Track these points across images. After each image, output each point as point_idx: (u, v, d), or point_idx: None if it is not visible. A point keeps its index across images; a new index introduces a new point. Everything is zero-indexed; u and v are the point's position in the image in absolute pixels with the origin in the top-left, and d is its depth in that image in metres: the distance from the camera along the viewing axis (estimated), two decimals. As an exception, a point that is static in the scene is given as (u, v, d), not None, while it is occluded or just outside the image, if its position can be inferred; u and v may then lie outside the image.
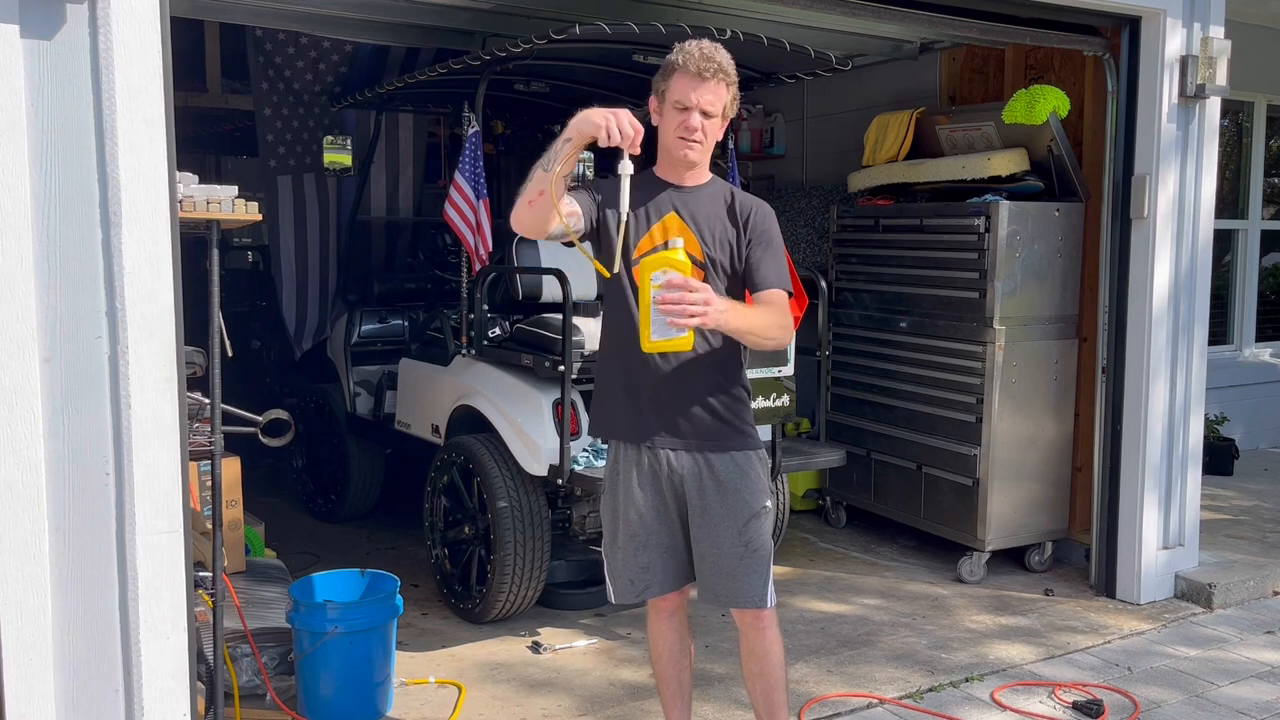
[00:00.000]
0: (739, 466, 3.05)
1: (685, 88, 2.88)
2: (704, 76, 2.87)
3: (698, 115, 2.89)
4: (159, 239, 2.79)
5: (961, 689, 4.19)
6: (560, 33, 4.18)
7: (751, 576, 3.05)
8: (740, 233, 3.00)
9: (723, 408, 3.03)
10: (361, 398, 6.18)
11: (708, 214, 3.01)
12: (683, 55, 2.90)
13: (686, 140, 2.92)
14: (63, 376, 2.71)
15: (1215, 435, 7.36)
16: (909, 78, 6.39)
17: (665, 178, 3.06)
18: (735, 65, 2.95)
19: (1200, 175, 5.17)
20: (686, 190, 3.04)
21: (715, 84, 2.88)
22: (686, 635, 3.31)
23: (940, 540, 5.69)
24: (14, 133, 2.61)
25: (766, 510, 3.10)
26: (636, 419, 3.05)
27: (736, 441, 3.05)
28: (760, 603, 3.06)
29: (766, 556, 3.08)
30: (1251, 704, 4.09)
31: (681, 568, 3.15)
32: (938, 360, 5.59)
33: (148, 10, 2.75)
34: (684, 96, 2.88)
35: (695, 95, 2.87)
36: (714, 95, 2.89)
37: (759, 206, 3.05)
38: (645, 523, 3.09)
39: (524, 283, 4.98)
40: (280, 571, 4.64)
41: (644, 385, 3.02)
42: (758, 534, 3.05)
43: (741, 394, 3.09)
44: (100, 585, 2.79)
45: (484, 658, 4.45)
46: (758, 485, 3.06)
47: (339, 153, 6.52)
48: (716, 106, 2.91)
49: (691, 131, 2.90)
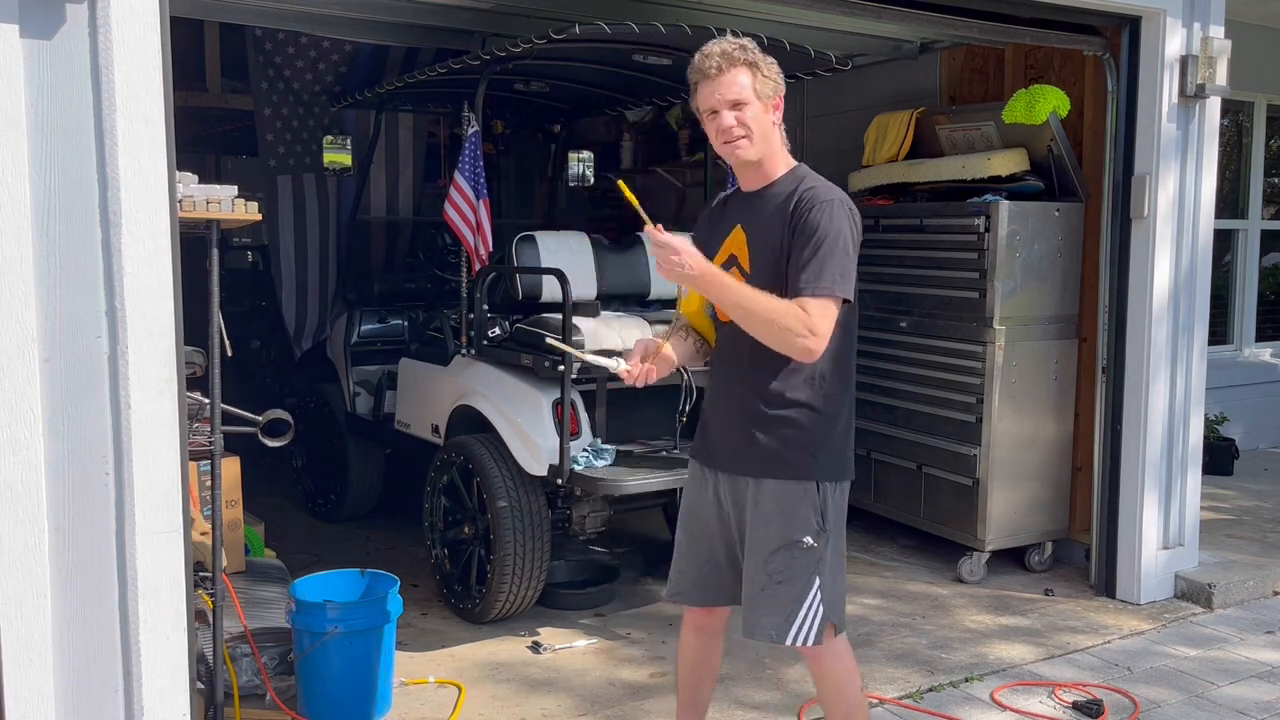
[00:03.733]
0: (776, 495, 2.88)
1: (705, 94, 2.83)
2: (711, 74, 2.81)
3: (727, 113, 2.81)
4: (159, 239, 2.79)
5: (961, 689, 4.19)
6: (560, 33, 4.18)
7: (769, 609, 2.90)
8: (787, 236, 2.83)
9: (768, 436, 2.88)
10: (361, 398, 6.18)
11: (767, 222, 2.88)
12: (690, 69, 2.88)
13: (730, 142, 2.84)
14: (63, 377, 2.72)
15: (1215, 435, 7.36)
16: (909, 78, 6.39)
17: (741, 187, 3.00)
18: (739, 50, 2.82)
19: (1200, 175, 5.17)
20: (752, 196, 2.95)
21: (729, 73, 2.79)
22: (712, 654, 3.22)
23: (940, 540, 5.69)
24: (14, 133, 2.61)
25: (802, 546, 2.86)
26: (704, 439, 3.07)
27: (780, 470, 2.88)
28: (774, 638, 2.90)
29: (794, 593, 2.87)
30: (1251, 704, 4.09)
31: (720, 587, 3.06)
32: (938, 360, 5.58)
33: (147, 10, 2.75)
34: (707, 102, 2.84)
35: (715, 94, 2.81)
36: (732, 85, 2.79)
37: (810, 203, 2.80)
38: (690, 530, 3.10)
39: (524, 283, 4.98)
40: (280, 571, 4.64)
41: (710, 408, 3.06)
42: (786, 567, 2.87)
43: (796, 421, 2.86)
44: (100, 585, 2.79)
45: (484, 658, 4.45)
46: (795, 518, 2.87)
47: (339, 153, 6.52)
48: (743, 92, 2.80)
49: (728, 130, 2.82)
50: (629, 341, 4.72)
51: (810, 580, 2.88)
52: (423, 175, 7.46)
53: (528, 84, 5.75)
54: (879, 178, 5.99)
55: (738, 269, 2.90)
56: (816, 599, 2.88)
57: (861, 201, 6.11)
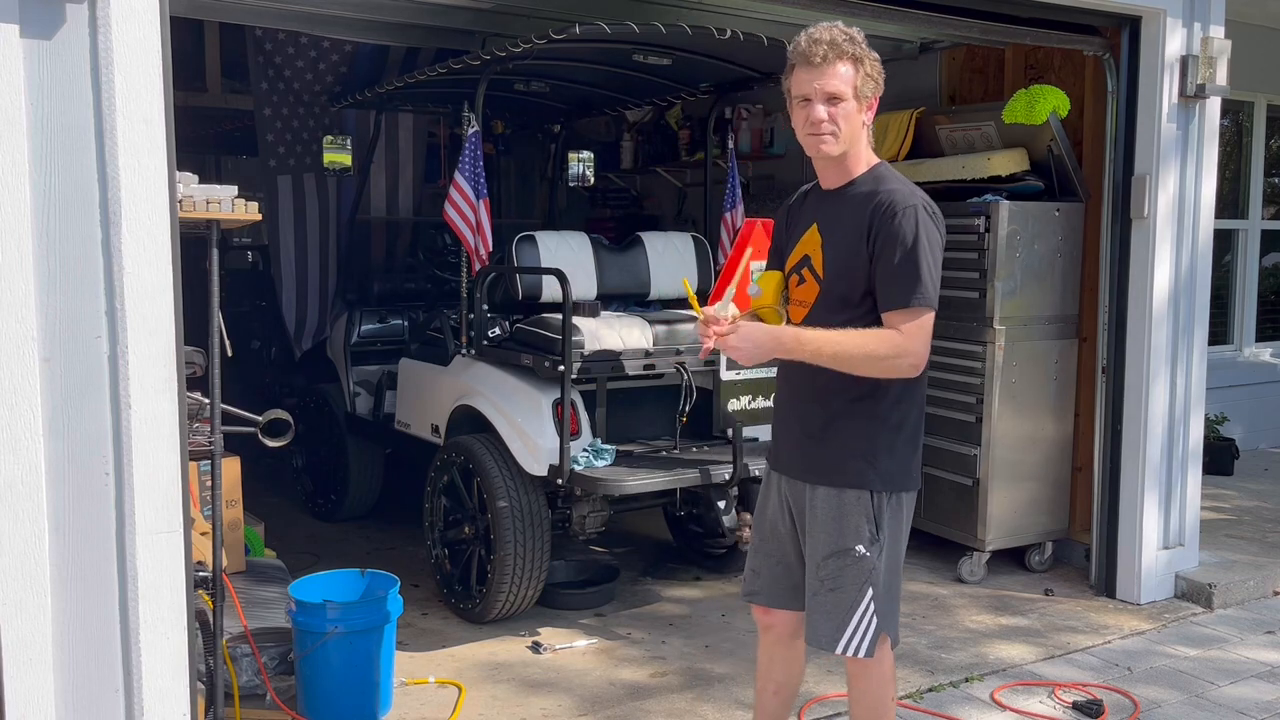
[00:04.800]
0: (829, 501, 2.83)
1: (802, 80, 2.71)
2: (815, 62, 2.68)
3: (821, 105, 2.69)
4: (159, 239, 2.79)
5: (961, 689, 4.19)
6: (560, 33, 4.19)
7: (822, 616, 2.86)
8: (870, 240, 2.72)
9: (824, 442, 2.83)
10: (361, 398, 6.18)
11: (844, 222, 2.78)
12: (792, 48, 2.74)
13: (816, 135, 2.73)
14: (63, 376, 2.71)
15: (1215, 435, 7.36)
16: (909, 78, 6.38)
17: (820, 184, 2.91)
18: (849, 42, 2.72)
19: (1200, 175, 5.17)
20: (831, 195, 2.86)
21: (833, 65, 2.68)
22: (778, 660, 3.13)
23: (940, 540, 5.68)
24: (14, 133, 2.61)
25: (853, 555, 2.80)
26: (776, 443, 3.05)
27: (835, 477, 2.82)
28: (826, 645, 2.85)
29: (847, 601, 2.82)
30: (1251, 704, 4.09)
31: (792, 589, 3.02)
32: (938, 360, 5.52)
33: (147, 10, 2.75)
34: (802, 88, 2.72)
35: (814, 83, 2.69)
36: (834, 78, 2.68)
37: (891, 209, 2.72)
38: (763, 531, 3.08)
39: (524, 283, 4.98)
40: (280, 571, 4.64)
41: (776, 411, 3.05)
42: (837, 575, 2.82)
43: (854, 428, 2.80)
44: (100, 585, 2.78)
45: (484, 658, 4.45)
46: (846, 525, 2.81)
47: (339, 153, 6.52)
48: (842, 88, 2.69)
49: (817, 124, 2.70)
50: (629, 341, 4.72)
51: (863, 590, 2.82)
52: (423, 175, 7.47)
53: (528, 84, 5.75)
54: (879, 178, 5.98)
55: (810, 271, 2.84)
56: (870, 609, 2.82)
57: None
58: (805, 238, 2.87)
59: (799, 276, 2.89)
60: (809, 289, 2.86)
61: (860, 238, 2.73)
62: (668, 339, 4.80)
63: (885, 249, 2.69)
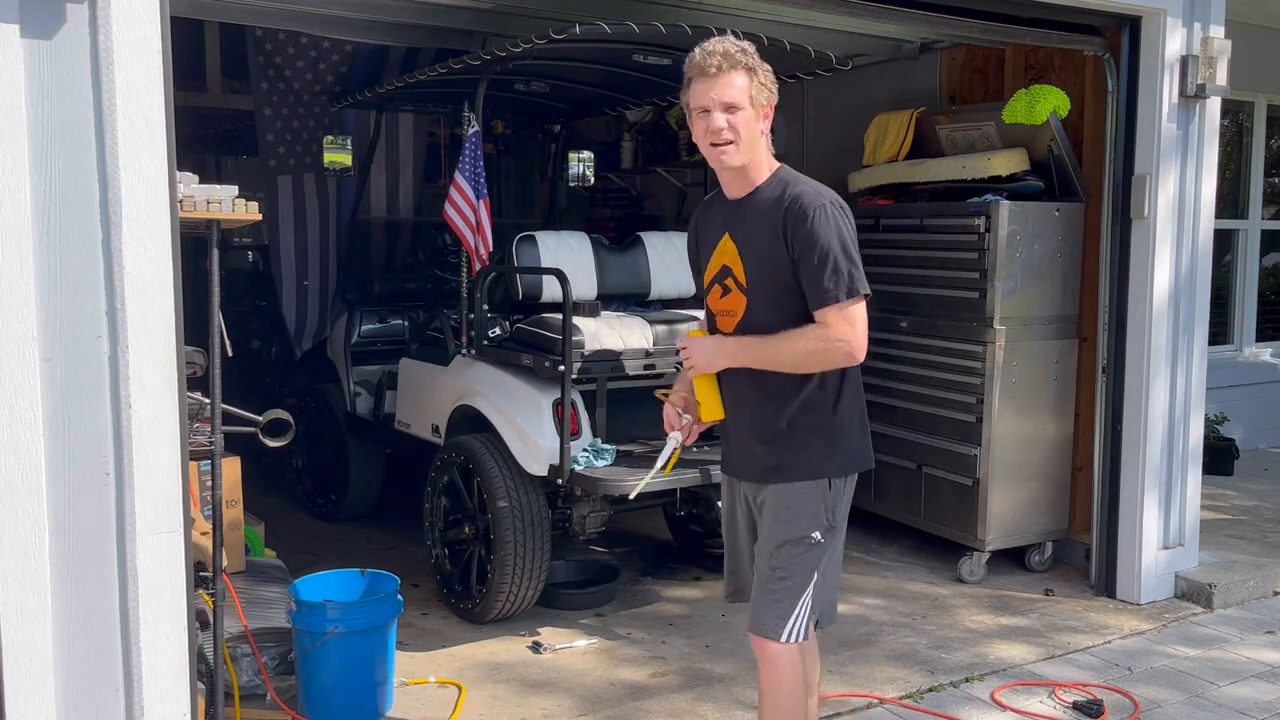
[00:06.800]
0: (789, 493, 2.90)
1: (699, 92, 2.78)
2: (710, 73, 2.75)
3: (720, 114, 2.76)
4: (159, 239, 2.79)
5: (961, 689, 4.19)
6: (560, 33, 4.18)
7: (766, 601, 2.91)
8: (786, 245, 2.80)
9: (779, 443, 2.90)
10: (361, 398, 6.18)
11: (757, 230, 2.85)
12: (688, 62, 2.82)
13: (716, 145, 2.79)
14: (63, 376, 2.71)
15: (1215, 435, 7.36)
16: (909, 78, 6.39)
17: (725, 193, 2.96)
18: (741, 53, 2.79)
19: (1200, 175, 5.17)
20: (738, 204, 2.92)
21: (728, 75, 2.75)
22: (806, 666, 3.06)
23: (940, 540, 5.69)
24: (14, 133, 2.61)
25: (809, 541, 2.89)
26: (731, 450, 3.09)
27: (795, 473, 2.89)
28: (767, 633, 2.89)
29: (796, 589, 2.88)
30: (1251, 704, 4.09)
31: None
32: (938, 360, 5.59)
33: (148, 10, 2.75)
34: (699, 99, 2.79)
35: (710, 94, 2.76)
36: (729, 87, 2.75)
37: (802, 212, 2.79)
38: (732, 534, 3.16)
39: (524, 283, 4.98)
40: (280, 571, 4.64)
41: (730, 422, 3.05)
42: (790, 563, 2.88)
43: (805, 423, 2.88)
44: (100, 585, 2.78)
45: (484, 658, 4.45)
46: (804, 514, 2.89)
47: (339, 152, 6.52)
48: (738, 97, 2.76)
49: (717, 132, 2.77)
50: (630, 341, 4.72)
51: (810, 576, 2.91)
52: (423, 175, 7.46)
53: (528, 84, 5.75)
54: (879, 178, 5.99)
55: (733, 281, 2.90)
56: (809, 594, 2.91)
57: (861, 202, 6.11)
58: (720, 249, 2.94)
59: (722, 288, 2.95)
60: (735, 299, 2.92)
61: (777, 242, 2.80)
62: (668, 339, 4.80)
63: (804, 252, 2.77)
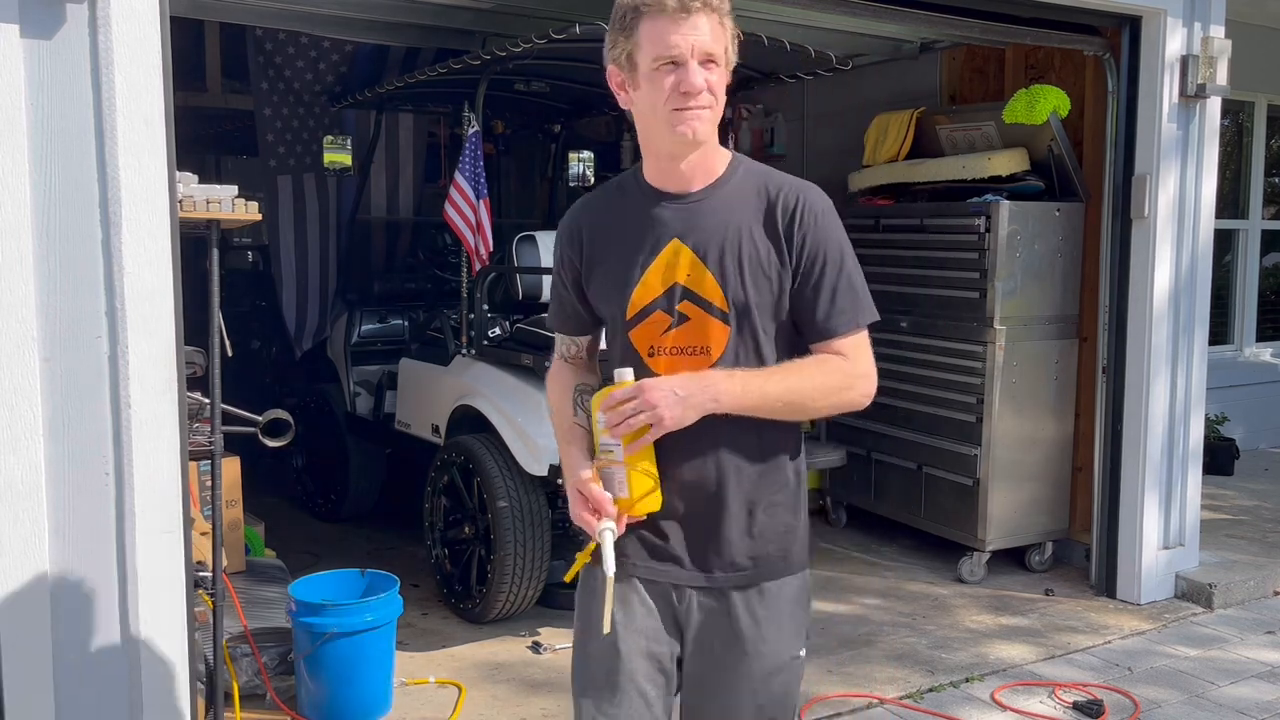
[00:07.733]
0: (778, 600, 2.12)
1: (664, 33, 1.89)
2: (690, 9, 1.89)
3: (696, 68, 1.90)
4: (159, 239, 2.79)
5: (961, 689, 4.19)
6: (560, 33, 4.18)
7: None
8: (787, 252, 2.01)
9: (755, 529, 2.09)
10: (361, 398, 6.18)
11: (728, 232, 2.01)
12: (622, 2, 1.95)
13: (690, 109, 1.92)
14: (63, 377, 2.71)
15: (1215, 435, 7.35)
16: (909, 78, 6.38)
17: (656, 184, 2.08)
18: None
19: (1200, 175, 5.17)
20: (692, 200, 2.05)
21: (705, 16, 1.90)
22: None
23: (940, 540, 5.69)
24: (14, 133, 2.62)
25: (798, 661, 2.17)
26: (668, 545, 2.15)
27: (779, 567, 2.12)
28: None
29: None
30: (1251, 704, 4.09)
31: None
32: (938, 360, 5.58)
33: (147, 10, 2.75)
34: (667, 46, 1.89)
35: (685, 39, 1.89)
36: (708, 32, 1.90)
37: (802, 202, 2.02)
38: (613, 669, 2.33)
39: (524, 283, 4.98)
40: (280, 571, 4.65)
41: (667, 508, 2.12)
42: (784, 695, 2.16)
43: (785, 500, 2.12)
44: (100, 585, 2.79)
45: (484, 658, 4.45)
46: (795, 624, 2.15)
47: (339, 152, 6.53)
48: (717, 47, 1.92)
49: (695, 93, 1.90)
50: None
51: (797, 701, 2.20)
52: (423, 175, 7.46)
53: (528, 84, 5.75)
54: (879, 178, 5.99)
55: (696, 305, 2.02)
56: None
57: (861, 201, 6.11)
58: (661, 262, 2.03)
59: (673, 316, 2.03)
60: (703, 331, 2.02)
61: (770, 249, 2.01)
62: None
63: (813, 261, 2.01)
